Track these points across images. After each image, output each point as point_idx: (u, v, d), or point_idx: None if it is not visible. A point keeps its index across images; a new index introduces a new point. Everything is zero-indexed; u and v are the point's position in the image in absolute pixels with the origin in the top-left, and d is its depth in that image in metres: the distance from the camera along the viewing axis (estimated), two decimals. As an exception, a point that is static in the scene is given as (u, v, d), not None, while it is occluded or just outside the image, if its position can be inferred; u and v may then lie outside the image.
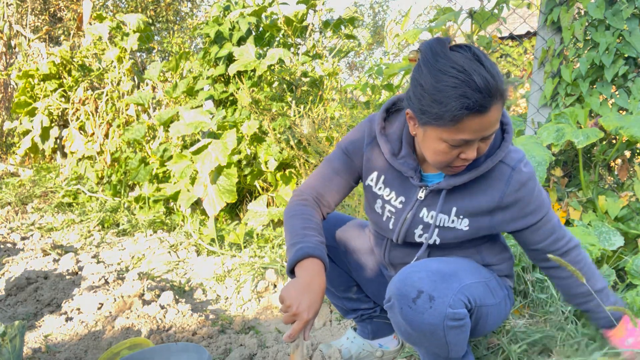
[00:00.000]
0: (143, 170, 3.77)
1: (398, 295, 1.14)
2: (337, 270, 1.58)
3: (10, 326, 1.49)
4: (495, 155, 1.18)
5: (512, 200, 1.21)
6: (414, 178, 1.25)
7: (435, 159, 1.13)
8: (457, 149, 1.09)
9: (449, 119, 1.03)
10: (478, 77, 1.00)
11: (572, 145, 2.21)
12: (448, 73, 1.02)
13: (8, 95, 7.21)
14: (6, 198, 4.54)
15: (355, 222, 1.59)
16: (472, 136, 1.06)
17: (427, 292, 1.11)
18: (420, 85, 1.07)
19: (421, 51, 1.09)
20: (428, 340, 1.15)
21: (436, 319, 1.10)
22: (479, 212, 1.23)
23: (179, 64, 4.09)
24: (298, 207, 1.34)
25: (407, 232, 1.30)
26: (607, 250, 1.83)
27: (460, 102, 1.00)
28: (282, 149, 3.08)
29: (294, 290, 1.13)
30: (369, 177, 1.34)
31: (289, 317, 1.10)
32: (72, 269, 2.67)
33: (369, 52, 13.41)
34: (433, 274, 1.15)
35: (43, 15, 8.38)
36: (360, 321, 1.68)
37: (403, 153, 1.26)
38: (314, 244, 1.22)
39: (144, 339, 1.67)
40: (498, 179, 1.19)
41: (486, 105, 1.01)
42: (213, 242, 3.03)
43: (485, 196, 1.21)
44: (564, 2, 2.31)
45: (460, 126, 1.04)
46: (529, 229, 1.25)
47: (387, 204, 1.32)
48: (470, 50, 1.04)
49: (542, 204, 1.24)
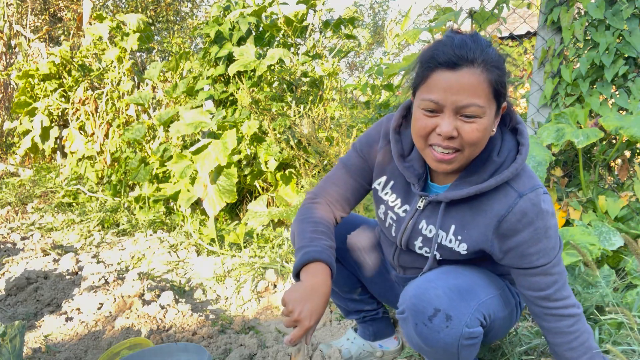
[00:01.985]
0: (143, 170, 3.77)
1: (413, 311, 1.11)
2: (344, 271, 1.56)
3: (10, 326, 1.49)
4: (502, 174, 1.09)
5: (510, 231, 1.10)
6: (415, 185, 1.20)
7: (416, 133, 1.09)
8: (432, 119, 1.04)
9: (421, 76, 1.04)
10: (459, 39, 1.01)
11: (572, 145, 2.21)
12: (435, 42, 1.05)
13: (8, 95, 7.21)
14: (6, 198, 4.54)
15: (365, 223, 1.57)
16: (441, 96, 1.01)
17: (444, 311, 1.07)
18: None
19: None
20: (439, 355, 1.13)
21: (452, 339, 1.08)
22: (477, 236, 1.15)
23: (179, 64, 4.09)
24: (309, 211, 1.30)
25: (408, 242, 1.27)
26: (607, 250, 1.83)
27: (430, 53, 1.02)
28: (282, 149, 3.08)
29: (297, 295, 1.09)
30: (378, 180, 1.30)
31: (291, 322, 1.07)
32: (72, 269, 2.67)
33: (369, 52, 13.41)
34: (451, 291, 1.10)
35: (43, 15, 8.38)
36: (362, 322, 1.68)
37: (412, 156, 1.21)
38: (321, 247, 1.18)
39: (144, 339, 1.67)
40: (500, 202, 1.10)
41: (456, 62, 0.99)
42: (213, 242, 3.03)
43: (484, 218, 1.13)
44: (564, 2, 2.31)
45: (429, 83, 1.03)
46: (523, 270, 1.14)
47: (390, 211, 1.28)
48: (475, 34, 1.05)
49: (547, 252, 1.11)
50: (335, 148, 2.86)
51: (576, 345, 1.15)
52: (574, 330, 1.15)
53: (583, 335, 1.16)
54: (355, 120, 3.06)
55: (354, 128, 2.94)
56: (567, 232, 1.87)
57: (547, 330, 1.19)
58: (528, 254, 1.11)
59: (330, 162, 2.89)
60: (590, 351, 1.16)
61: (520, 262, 1.13)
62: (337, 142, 2.93)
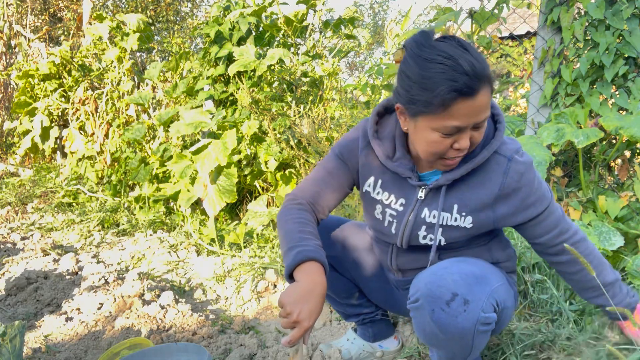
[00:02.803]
0: (143, 170, 3.77)
1: (429, 297, 1.11)
2: (341, 278, 1.56)
3: (10, 326, 1.49)
4: (490, 145, 1.16)
5: (512, 191, 1.18)
6: (412, 178, 1.23)
7: (429, 151, 1.11)
8: (450, 138, 1.07)
9: (438, 104, 1.02)
10: (464, 61, 1.00)
11: (572, 145, 2.21)
12: (434, 60, 1.01)
13: (8, 95, 7.21)
14: (6, 198, 4.54)
15: (352, 226, 1.57)
16: (463, 122, 1.04)
17: (462, 296, 1.09)
18: (407, 77, 1.06)
19: (406, 46, 1.08)
20: (454, 343, 1.13)
21: (469, 323, 1.09)
22: (481, 207, 1.20)
23: (179, 64, 4.09)
24: (293, 212, 1.30)
25: (411, 234, 1.27)
26: (607, 250, 1.83)
27: (448, 85, 1.00)
28: (282, 149, 3.08)
29: (295, 296, 1.09)
30: (366, 182, 1.31)
31: (289, 323, 1.07)
32: (72, 269, 2.67)
33: (369, 52, 13.41)
34: (467, 277, 1.13)
35: (43, 15, 8.38)
36: (361, 324, 1.68)
37: (398, 155, 1.24)
38: (313, 247, 1.18)
39: (144, 339, 1.67)
40: (495, 171, 1.18)
41: (474, 88, 1.00)
42: (213, 242, 3.03)
43: (485, 189, 1.19)
44: (564, 2, 2.31)
45: (450, 112, 1.02)
46: (531, 221, 1.22)
47: (388, 208, 1.29)
48: (454, 40, 1.04)
49: (543, 196, 1.21)
50: (335, 148, 2.86)
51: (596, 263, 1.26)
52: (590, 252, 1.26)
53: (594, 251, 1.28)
54: (355, 120, 3.06)
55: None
56: (567, 232, 1.87)
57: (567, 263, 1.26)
58: (531, 203, 1.20)
59: (330, 162, 2.88)
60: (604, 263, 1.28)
61: (528, 213, 1.21)
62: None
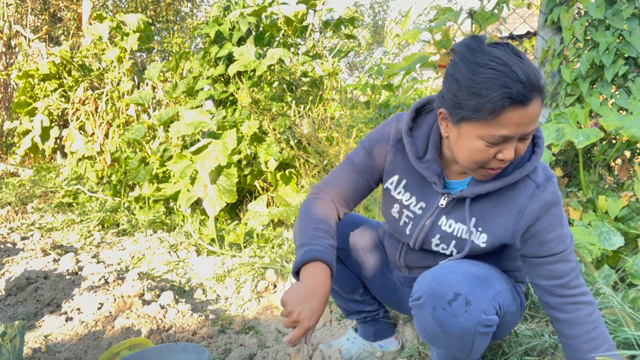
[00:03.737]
0: (143, 170, 3.77)
1: (432, 295, 1.11)
2: (346, 272, 1.56)
3: (10, 326, 1.49)
4: (525, 167, 1.12)
5: (532, 220, 1.14)
6: (437, 184, 1.21)
7: (471, 159, 1.07)
8: (495, 148, 1.03)
9: (489, 111, 0.98)
10: (519, 69, 0.97)
11: (572, 145, 2.22)
12: (487, 65, 0.98)
13: (8, 95, 7.21)
14: (6, 198, 4.54)
15: (368, 224, 1.57)
16: (512, 131, 1.00)
17: (464, 296, 1.08)
18: (456, 80, 1.03)
19: (456, 50, 1.05)
20: (454, 343, 1.13)
21: (470, 324, 1.08)
22: (498, 226, 1.17)
23: (179, 64, 4.09)
24: (313, 207, 1.29)
25: (425, 239, 1.27)
26: (607, 250, 1.83)
27: (501, 91, 0.96)
28: (282, 149, 3.08)
29: (297, 296, 1.09)
30: (389, 180, 1.30)
31: (290, 322, 1.07)
32: (72, 269, 2.67)
33: (369, 52, 13.41)
34: (471, 277, 1.12)
35: (43, 15, 8.38)
36: (362, 323, 1.68)
37: (428, 157, 1.21)
38: (322, 247, 1.17)
39: (144, 339, 1.67)
40: (522, 194, 1.14)
41: (528, 97, 0.97)
42: (213, 242, 3.03)
43: (507, 209, 1.15)
44: (564, 2, 2.31)
45: (500, 119, 0.98)
46: (540, 259, 1.17)
47: (406, 209, 1.28)
48: (508, 46, 1.01)
49: (562, 238, 1.15)
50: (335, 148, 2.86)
51: (595, 336, 1.14)
52: (593, 320, 1.15)
53: (601, 325, 1.16)
54: (355, 120, 3.06)
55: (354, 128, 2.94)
56: (567, 232, 1.87)
57: (565, 322, 1.17)
58: (547, 240, 1.15)
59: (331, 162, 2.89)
60: (609, 342, 1.14)
61: (540, 249, 1.16)
62: (337, 142, 2.93)
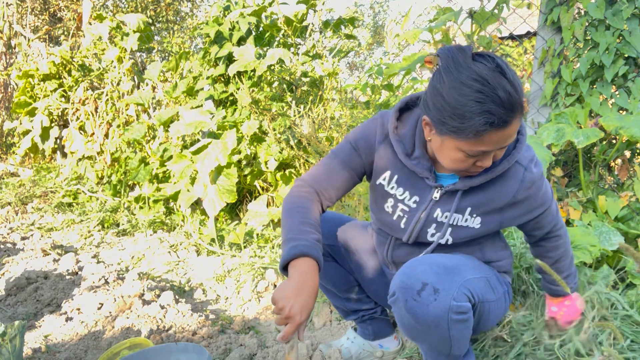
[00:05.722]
0: (143, 170, 3.77)
1: (402, 288, 1.15)
2: (340, 270, 1.57)
3: (10, 326, 1.49)
4: (511, 156, 1.19)
5: (523, 198, 1.24)
6: (429, 179, 1.25)
7: (452, 166, 1.15)
8: (474, 158, 1.11)
9: (471, 133, 1.03)
10: (502, 91, 0.99)
11: (572, 145, 2.21)
12: (472, 87, 1.00)
13: (8, 95, 7.21)
14: (6, 198, 4.54)
15: (356, 223, 1.59)
16: (491, 148, 1.07)
17: (432, 285, 1.12)
18: (440, 96, 1.05)
19: (441, 57, 1.06)
20: (432, 334, 1.15)
21: (440, 311, 1.11)
22: (492, 210, 1.25)
23: (179, 64, 4.09)
24: (299, 200, 1.30)
25: (420, 231, 1.30)
26: (607, 250, 1.83)
27: (483, 118, 1.00)
28: (282, 149, 3.08)
29: (287, 292, 1.11)
30: (382, 176, 1.32)
31: (282, 319, 1.09)
32: (72, 269, 2.67)
33: (369, 52, 13.41)
34: (437, 267, 1.17)
35: (43, 15, 8.38)
36: (361, 322, 1.68)
37: (417, 154, 1.25)
38: (309, 242, 1.18)
39: (144, 339, 1.67)
40: (512, 179, 1.22)
41: (508, 121, 1.02)
42: (213, 242, 3.03)
43: (500, 195, 1.23)
44: (564, 2, 2.31)
45: (480, 140, 1.05)
46: (532, 221, 1.30)
47: (400, 204, 1.31)
48: (493, 61, 1.02)
49: (546, 198, 1.28)
50: (335, 148, 2.86)
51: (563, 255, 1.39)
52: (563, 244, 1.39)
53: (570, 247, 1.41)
54: (355, 120, 3.06)
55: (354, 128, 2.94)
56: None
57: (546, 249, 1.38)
58: (536, 207, 1.28)
59: (330, 162, 2.88)
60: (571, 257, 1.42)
61: (530, 215, 1.29)
62: (337, 142, 2.93)
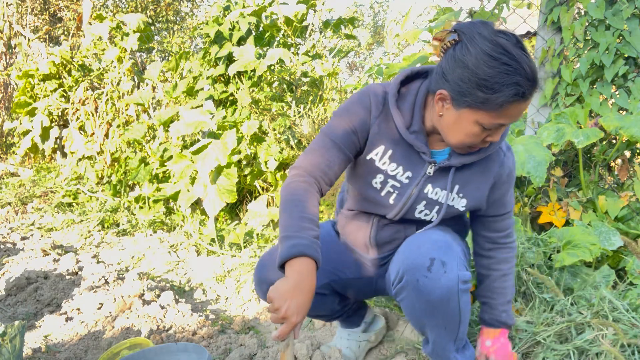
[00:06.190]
0: (143, 170, 3.77)
1: (411, 269, 1.18)
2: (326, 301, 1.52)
3: (10, 326, 1.49)
4: (501, 139, 1.25)
5: (501, 183, 1.31)
6: (426, 154, 1.26)
7: (463, 140, 1.16)
8: (487, 132, 1.14)
9: (497, 104, 1.06)
10: (526, 65, 1.05)
11: (572, 145, 2.21)
12: (499, 59, 1.04)
13: (8, 95, 7.21)
14: (6, 198, 4.54)
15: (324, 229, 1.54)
16: (509, 121, 1.11)
17: (439, 259, 1.17)
18: (466, 68, 1.07)
19: (465, 33, 1.09)
20: (444, 310, 1.19)
21: (452, 283, 1.16)
22: (475, 191, 1.30)
23: (179, 64, 4.09)
24: (297, 191, 1.23)
25: (410, 207, 1.31)
26: (607, 250, 1.83)
27: (514, 89, 1.04)
28: (282, 149, 3.08)
29: (283, 291, 1.09)
30: (374, 150, 1.29)
31: (278, 318, 1.08)
32: (72, 269, 2.67)
33: (369, 52, 13.41)
34: (435, 242, 1.21)
35: (43, 15, 8.38)
36: (346, 318, 1.68)
37: (415, 128, 1.25)
38: (308, 241, 1.15)
39: (144, 339, 1.67)
40: (494, 162, 1.28)
41: (532, 93, 1.07)
42: (213, 242, 3.03)
43: (483, 176, 1.29)
44: (564, 2, 2.31)
45: (503, 111, 1.08)
46: (497, 217, 1.37)
47: (392, 179, 1.30)
48: (514, 37, 1.07)
49: (512, 197, 1.37)
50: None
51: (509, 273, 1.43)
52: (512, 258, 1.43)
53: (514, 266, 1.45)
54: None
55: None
56: (567, 232, 1.87)
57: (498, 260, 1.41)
58: (506, 201, 1.35)
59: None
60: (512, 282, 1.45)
61: (499, 209, 1.36)
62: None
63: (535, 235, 1.92)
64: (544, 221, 2.14)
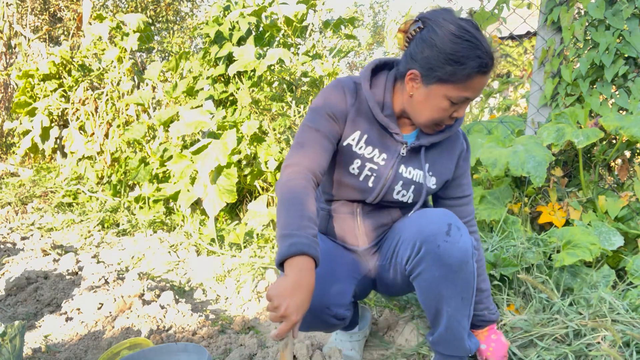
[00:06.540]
0: (143, 170, 3.77)
1: (432, 235, 1.25)
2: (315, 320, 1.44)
3: (10, 326, 1.49)
4: (461, 119, 1.36)
5: (462, 160, 1.44)
6: (399, 134, 1.35)
7: (432, 117, 1.28)
8: (454, 107, 1.25)
9: (463, 76, 1.19)
10: (485, 43, 1.20)
11: (572, 145, 2.21)
12: (462, 37, 1.18)
13: (8, 95, 7.21)
14: (6, 198, 4.54)
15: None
16: (473, 94, 1.23)
17: (454, 224, 1.25)
18: (434, 46, 1.20)
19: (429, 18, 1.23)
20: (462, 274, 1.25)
21: (468, 245, 1.25)
22: (444, 170, 1.41)
23: (179, 64, 4.09)
24: (296, 188, 1.23)
25: (389, 189, 1.38)
26: (607, 250, 1.83)
27: (477, 61, 1.18)
28: (282, 149, 3.08)
29: (282, 290, 1.08)
30: (351, 136, 1.36)
31: (277, 317, 1.07)
32: (72, 269, 2.67)
33: (369, 52, 13.42)
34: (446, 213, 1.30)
35: (43, 15, 8.38)
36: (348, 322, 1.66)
37: (387, 112, 1.35)
38: (308, 239, 1.15)
39: (144, 339, 1.67)
40: (456, 141, 1.43)
41: (491, 67, 1.21)
42: (213, 242, 3.03)
43: (449, 155, 1.42)
44: (564, 2, 2.31)
45: (468, 84, 1.20)
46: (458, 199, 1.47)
47: (369, 162, 1.37)
48: (473, 23, 1.22)
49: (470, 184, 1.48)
50: (335, 148, 2.86)
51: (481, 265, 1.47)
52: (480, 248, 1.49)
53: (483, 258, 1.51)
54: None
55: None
56: (567, 232, 1.87)
57: None
58: (462, 183, 1.47)
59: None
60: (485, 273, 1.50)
61: (457, 191, 1.46)
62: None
63: (535, 235, 1.93)
64: (544, 221, 2.14)
